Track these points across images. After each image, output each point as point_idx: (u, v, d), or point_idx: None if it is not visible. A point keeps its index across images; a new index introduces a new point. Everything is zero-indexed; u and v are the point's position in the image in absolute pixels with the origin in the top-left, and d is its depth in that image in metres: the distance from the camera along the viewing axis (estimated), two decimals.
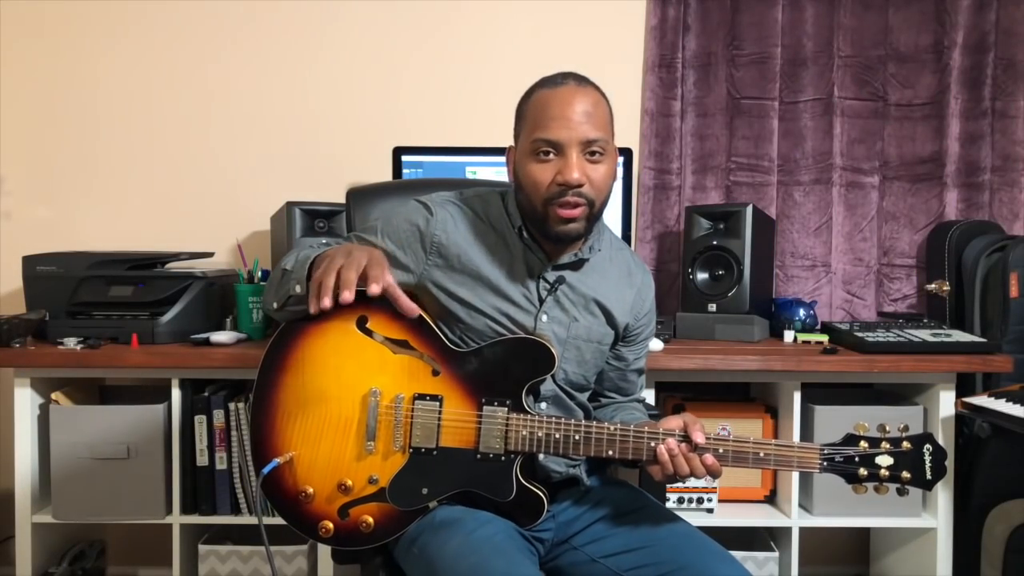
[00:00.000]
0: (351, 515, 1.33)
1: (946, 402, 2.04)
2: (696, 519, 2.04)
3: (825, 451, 1.30)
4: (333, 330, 1.35)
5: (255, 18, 2.48)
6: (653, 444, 1.30)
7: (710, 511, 2.10)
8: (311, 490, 1.32)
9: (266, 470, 1.30)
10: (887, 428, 1.32)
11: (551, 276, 1.41)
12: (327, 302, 1.22)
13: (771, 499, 2.18)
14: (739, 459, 1.30)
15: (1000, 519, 2.03)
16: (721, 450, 1.30)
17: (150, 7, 2.47)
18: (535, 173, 1.33)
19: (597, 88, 1.38)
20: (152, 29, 2.48)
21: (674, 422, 1.31)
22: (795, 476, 2.06)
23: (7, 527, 2.08)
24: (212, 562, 2.10)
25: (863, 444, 1.30)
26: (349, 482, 1.32)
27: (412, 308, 1.27)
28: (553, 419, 1.32)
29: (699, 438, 1.29)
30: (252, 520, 1.32)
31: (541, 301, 1.41)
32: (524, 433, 1.32)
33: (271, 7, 2.48)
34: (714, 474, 1.30)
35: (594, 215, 1.37)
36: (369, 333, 1.34)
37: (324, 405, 1.34)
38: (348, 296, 1.21)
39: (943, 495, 2.05)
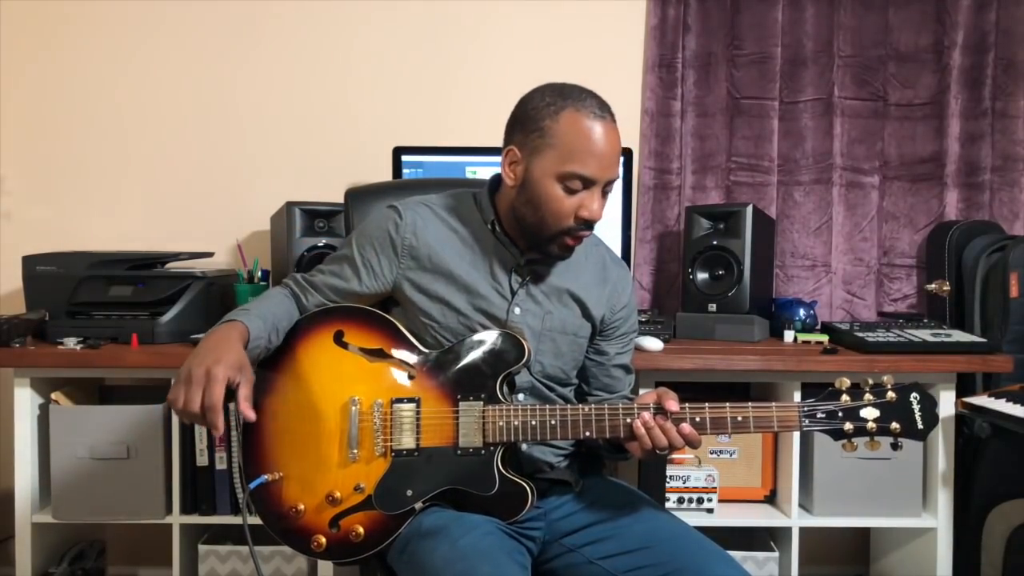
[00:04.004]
0: (341, 526, 1.34)
1: (946, 402, 2.03)
2: (696, 519, 2.04)
3: (805, 408, 1.28)
4: (312, 347, 1.40)
5: (255, 18, 2.48)
6: (629, 420, 1.30)
7: (710, 511, 2.09)
8: (302, 507, 1.34)
9: (253, 485, 1.32)
10: (869, 381, 1.28)
11: (523, 270, 1.44)
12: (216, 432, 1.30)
13: (771, 499, 2.17)
14: (717, 425, 1.30)
15: (1000, 519, 2.03)
16: (698, 418, 1.29)
17: (150, 7, 2.47)
18: (561, 202, 1.35)
19: None
20: (152, 29, 2.47)
21: (648, 397, 1.32)
22: (795, 476, 2.05)
23: (7, 527, 2.08)
24: (212, 562, 2.10)
25: (845, 398, 1.27)
26: (337, 493, 1.33)
27: (249, 414, 1.31)
28: (528, 407, 1.34)
29: (672, 406, 1.29)
30: (251, 520, 1.32)
31: (513, 294, 1.43)
32: (501, 424, 1.33)
33: (270, 7, 2.48)
34: (692, 443, 1.29)
35: None
36: (345, 346, 1.39)
37: (308, 421, 1.36)
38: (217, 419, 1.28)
39: (943, 495, 2.04)
